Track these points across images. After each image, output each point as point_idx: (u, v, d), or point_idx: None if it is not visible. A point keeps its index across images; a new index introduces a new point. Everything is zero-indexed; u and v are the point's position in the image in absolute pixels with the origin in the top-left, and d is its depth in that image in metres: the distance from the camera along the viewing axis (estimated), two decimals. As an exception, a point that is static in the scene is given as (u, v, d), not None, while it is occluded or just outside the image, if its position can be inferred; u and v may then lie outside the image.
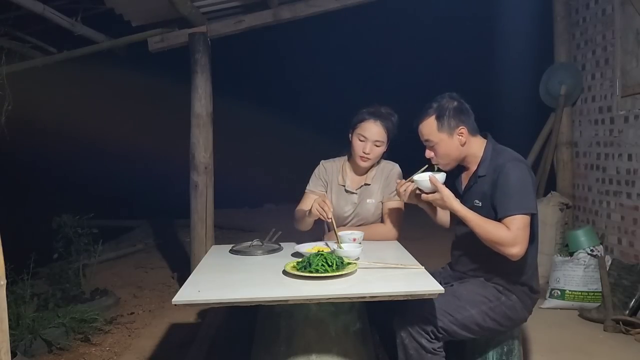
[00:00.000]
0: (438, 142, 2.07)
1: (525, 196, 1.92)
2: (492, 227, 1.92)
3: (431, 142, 2.08)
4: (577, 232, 3.79)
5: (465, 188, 2.14)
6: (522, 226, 1.89)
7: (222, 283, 1.82)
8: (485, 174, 2.04)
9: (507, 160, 1.99)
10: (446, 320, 1.92)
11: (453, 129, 2.05)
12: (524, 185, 1.93)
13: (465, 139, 2.07)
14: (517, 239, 1.87)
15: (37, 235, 4.03)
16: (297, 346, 1.81)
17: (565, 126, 4.42)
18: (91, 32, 4.01)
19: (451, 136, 2.06)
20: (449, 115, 2.05)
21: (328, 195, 2.57)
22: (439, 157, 2.10)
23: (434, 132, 2.06)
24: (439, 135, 2.06)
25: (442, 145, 2.07)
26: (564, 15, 4.44)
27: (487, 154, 2.07)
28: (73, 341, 3.21)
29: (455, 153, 2.08)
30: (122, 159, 9.07)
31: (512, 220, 1.89)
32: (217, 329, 3.19)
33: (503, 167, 1.96)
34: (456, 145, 2.07)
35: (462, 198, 2.14)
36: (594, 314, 3.34)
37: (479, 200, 2.04)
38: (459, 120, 2.05)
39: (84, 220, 3.95)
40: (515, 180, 1.92)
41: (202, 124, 3.87)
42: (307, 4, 3.93)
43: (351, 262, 1.89)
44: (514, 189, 1.91)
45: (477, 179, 2.07)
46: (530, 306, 2.09)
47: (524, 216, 1.89)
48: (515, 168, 1.95)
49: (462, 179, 2.20)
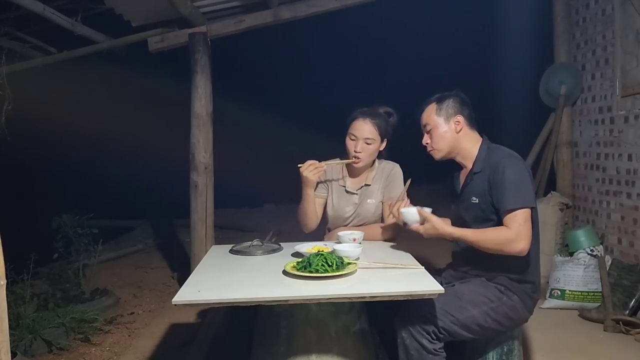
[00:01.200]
0: (435, 125, 2.13)
1: (523, 190, 1.94)
2: (492, 233, 1.94)
3: (429, 125, 2.15)
4: (577, 232, 3.79)
5: (463, 186, 2.16)
6: (523, 221, 1.90)
7: (222, 283, 1.82)
8: (480, 170, 2.06)
9: (502, 157, 2.02)
10: (447, 321, 1.92)
11: (450, 116, 2.12)
12: (521, 179, 1.95)
13: (462, 127, 2.12)
14: (520, 235, 1.89)
15: (37, 235, 4.02)
16: (297, 346, 1.82)
17: (565, 126, 4.42)
18: (91, 32, 4.01)
19: (447, 122, 2.12)
20: (449, 103, 2.13)
21: (329, 196, 2.59)
22: (433, 142, 2.15)
23: (432, 115, 2.14)
24: (436, 119, 2.13)
25: (439, 129, 2.12)
26: (564, 15, 4.43)
27: (482, 152, 2.11)
28: (73, 341, 3.21)
29: (449, 138, 2.12)
30: (122, 158, 9.07)
31: (513, 217, 1.91)
32: (217, 329, 3.19)
33: (499, 164, 1.99)
34: (451, 132, 2.12)
35: (460, 196, 2.16)
36: (594, 314, 3.34)
37: (475, 197, 2.06)
38: (457, 110, 2.13)
39: (84, 220, 3.95)
40: (512, 176, 1.95)
41: (202, 124, 3.87)
42: (307, 4, 3.94)
43: (351, 262, 1.89)
44: (511, 184, 1.93)
45: (472, 176, 2.09)
46: (531, 306, 2.09)
47: (524, 210, 1.91)
48: (511, 164, 1.98)
49: (460, 178, 2.22)
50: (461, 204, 2.16)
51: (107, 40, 4.15)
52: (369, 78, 10.85)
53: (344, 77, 10.85)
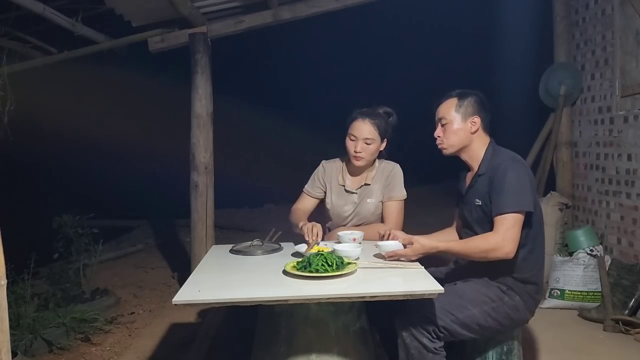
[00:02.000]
0: (451, 120, 2.12)
1: (519, 194, 1.93)
2: (478, 241, 1.96)
3: (444, 119, 2.13)
4: (576, 232, 3.80)
5: (468, 187, 2.16)
6: (511, 225, 1.90)
7: (222, 283, 1.82)
8: (484, 172, 2.07)
9: (504, 159, 2.02)
10: (447, 320, 1.92)
11: (468, 115, 2.11)
12: (519, 183, 1.95)
13: (477, 129, 2.11)
14: (506, 239, 1.89)
15: (38, 235, 4.03)
16: (297, 346, 1.82)
17: (565, 126, 4.42)
18: (91, 33, 4.01)
19: (464, 120, 2.11)
20: (469, 101, 2.12)
21: (328, 195, 2.60)
22: (446, 136, 2.13)
23: (450, 110, 2.13)
24: (454, 114, 2.12)
25: (454, 125, 2.11)
26: (563, 15, 4.44)
27: (488, 154, 2.11)
28: (73, 341, 3.21)
29: (462, 136, 2.12)
30: (123, 158, 9.06)
31: (502, 220, 1.91)
32: (217, 329, 3.19)
33: (499, 166, 1.99)
34: (466, 130, 2.11)
35: (465, 197, 2.16)
36: (593, 313, 3.34)
37: (478, 199, 2.06)
38: (477, 110, 2.12)
39: (84, 220, 3.96)
40: (510, 179, 1.95)
41: (202, 124, 3.88)
42: (307, 5, 3.94)
43: (351, 262, 1.89)
44: (508, 187, 1.94)
45: (477, 178, 2.10)
46: (533, 307, 2.09)
47: (515, 214, 1.91)
48: (511, 167, 1.98)
49: (466, 179, 2.22)
50: (465, 206, 2.17)
51: (107, 41, 4.16)
52: (369, 78, 10.84)
53: (344, 76, 10.84)
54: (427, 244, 1.98)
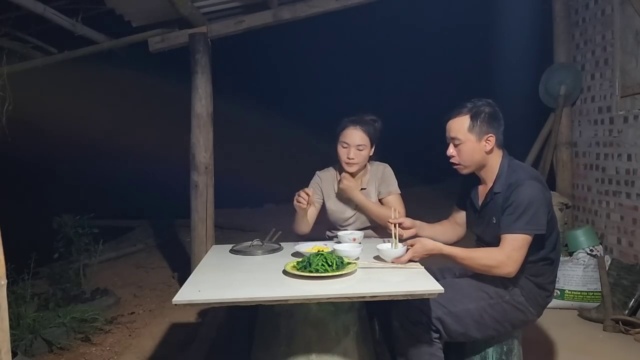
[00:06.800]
0: (465, 141, 2.02)
1: (533, 216, 1.88)
2: (483, 254, 1.93)
3: (458, 140, 2.04)
4: (576, 232, 3.80)
5: (482, 204, 2.11)
6: (519, 246, 1.87)
7: (222, 283, 1.82)
8: (500, 190, 2.01)
9: (522, 178, 1.95)
10: (440, 312, 1.92)
11: (483, 134, 2.02)
12: (534, 204, 1.89)
13: (492, 147, 2.03)
14: (510, 259, 1.87)
15: (38, 235, 4.03)
16: (297, 346, 1.82)
17: (565, 126, 4.43)
18: (92, 33, 4.01)
19: (479, 140, 2.02)
20: (483, 119, 2.02)
21: (326, 203, 2.64)
22: (461, 157, 2.05)
23: (463, 130, 2.03)
24: (468, 135, 2.02)
25: (468, 146, 2.03)
26: (563, 15, 4.44)
27: (503, 169, 2.04)
28: (73, 341, 3.22)
29: (478, 157, 2.04)
30: (123, 158, 9.08)
31: (511, 240, 1.88)
32: (217, 329, 3.20)
33: (517, 186, 1.93)
34: (481, 151, 2.03)
35: (480, 213, 2.11)
36: (593, 313, 3.34)
37: (495, 217, 2.01)
38: (491, 127, 2.02)
39: (85, 220, 3.96)
40: (525, 199, 1.89)
41: (202, 124, 3.88)
42: (307, 5, 3.94)
43: (351, 262, 1.89)
44: (522, 208, 1.88)
45: (493, 196, 2.04)
46: (539, 311, 2.06)
47: (525, 236, 1.88)
48: (527, 185, 1.92)
49: (479, 193, 2.16)
50: (480, 222, 2.12)
51: (107, 41, 4.16)
52: (370, 78, 10.85)
53: (344, 77, 10.85)
54: (429, 244, 1.94)
